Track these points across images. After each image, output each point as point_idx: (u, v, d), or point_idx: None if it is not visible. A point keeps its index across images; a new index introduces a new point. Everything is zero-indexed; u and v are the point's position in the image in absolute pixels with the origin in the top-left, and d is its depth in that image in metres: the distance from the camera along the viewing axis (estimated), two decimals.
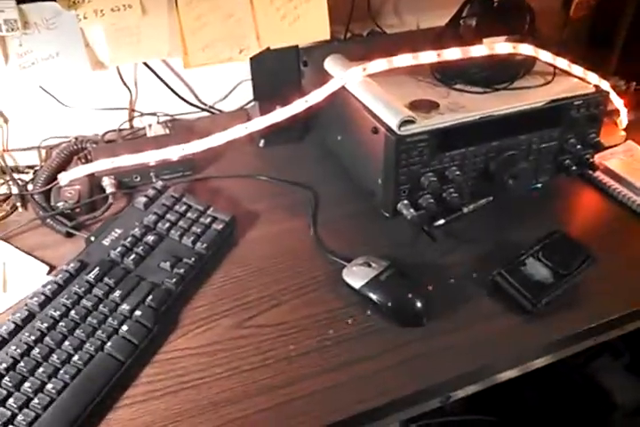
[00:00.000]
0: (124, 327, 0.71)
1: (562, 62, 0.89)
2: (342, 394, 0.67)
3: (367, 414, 0.66)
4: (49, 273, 0.82)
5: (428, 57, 0.84)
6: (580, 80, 0.89)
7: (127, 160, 0.95)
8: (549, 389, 1.28)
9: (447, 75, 0.90)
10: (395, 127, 0.79)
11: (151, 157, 0.96)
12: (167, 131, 1.06)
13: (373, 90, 0.86)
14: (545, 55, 0.88)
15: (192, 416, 0.65)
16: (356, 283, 0.77)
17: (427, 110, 0.84)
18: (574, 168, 0.91)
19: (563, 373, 1.26)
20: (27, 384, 0.65)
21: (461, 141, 0.83)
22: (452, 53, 0.84)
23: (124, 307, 0.73)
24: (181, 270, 0.78)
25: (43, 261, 0.84)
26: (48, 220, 0.89)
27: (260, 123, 0.94)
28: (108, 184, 0.94)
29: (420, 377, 0.69)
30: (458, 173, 0.83)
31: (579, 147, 0.89)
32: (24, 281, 0.80)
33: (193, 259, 0.80)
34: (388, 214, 0.85)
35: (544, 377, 1.11)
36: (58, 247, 0.86)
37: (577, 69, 0.89)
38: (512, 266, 0.77)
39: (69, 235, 0.88)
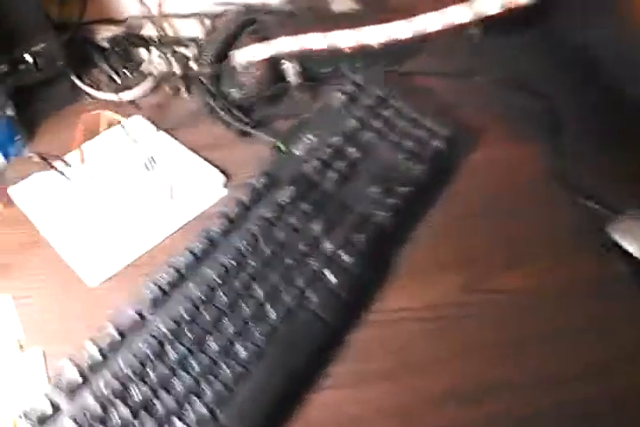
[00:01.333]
0: (328, 273, 0.54)
1: None
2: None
3: None
4: (226, 185, 0.65)
5: None
6: None
7: (318, 41, 0.74)
8: None
9: None
10: None
11: (347, 39, 0.75)
12: (357, 6, 0.83)
13: None
14: None
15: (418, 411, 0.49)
16: (633, 245, 0.56)
17: None
18: None
19: None
20: (211, 341, 0.50)
21: None
22: None
23: (327, 246, 0.56)
24: (397, 201, 0.59)
25: (213, 164, 0.67)
26: (220, 111, 0.71)
27: (491, 5, 0.69)
28: (291, 72, 0.74)
29: None
30: None
31: None
32: (196, 192, 0.64)
33: (409, 185, 0.61)
34: None
35: None
36: (230, 148, 0.70)
37: None
38: None
39: (244, 133, 0.70)
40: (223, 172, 0.66)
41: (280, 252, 0.55)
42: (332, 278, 0.54)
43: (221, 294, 0.53)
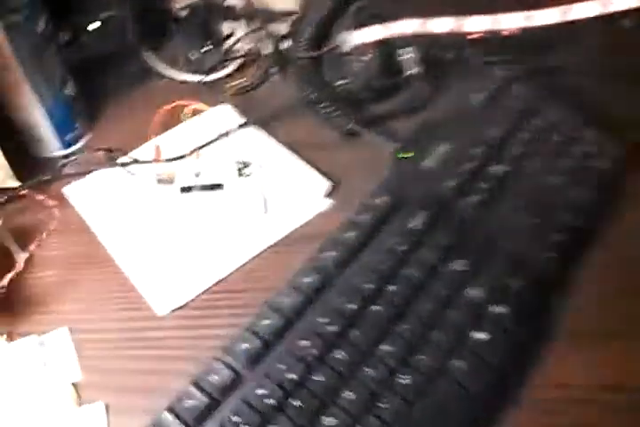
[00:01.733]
0: (474, 329, 0.42)
1: None
2: None
3: None
4: (329, 194, 0.53)
5: None
6: None
7: (444, 25, 0.61)
8: None
9: None
10: None
11: (480, 24, 0.61)
12: None
13: None
14: None
15: None
16: None
17: None
18: None
19: None
20: (326, 416, 0.38)
21: None
22: None
23: (472, 292, 0.43)
24: (561, 237, 0.46)
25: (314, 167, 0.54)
26: (322, 105, 0.58)
27: None
28: (410, 59, 0.61)
29: None
30: None
31: None
32: (293, 202, 0.52)
33: (572, 217, 0.48)
34: None
35: None
36: (332, 150, 0.57)
37: None
38: None
39: (351, 133, 0.57)
40: (324, 174, 0.54)
41: (412, 297, 0.43)
42: (480, 336, 0.41)
43: (339, 350, 0.40)
